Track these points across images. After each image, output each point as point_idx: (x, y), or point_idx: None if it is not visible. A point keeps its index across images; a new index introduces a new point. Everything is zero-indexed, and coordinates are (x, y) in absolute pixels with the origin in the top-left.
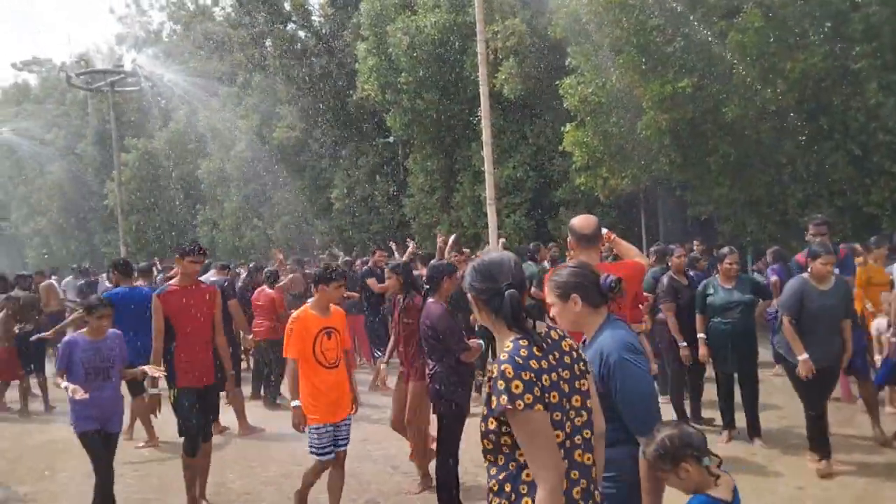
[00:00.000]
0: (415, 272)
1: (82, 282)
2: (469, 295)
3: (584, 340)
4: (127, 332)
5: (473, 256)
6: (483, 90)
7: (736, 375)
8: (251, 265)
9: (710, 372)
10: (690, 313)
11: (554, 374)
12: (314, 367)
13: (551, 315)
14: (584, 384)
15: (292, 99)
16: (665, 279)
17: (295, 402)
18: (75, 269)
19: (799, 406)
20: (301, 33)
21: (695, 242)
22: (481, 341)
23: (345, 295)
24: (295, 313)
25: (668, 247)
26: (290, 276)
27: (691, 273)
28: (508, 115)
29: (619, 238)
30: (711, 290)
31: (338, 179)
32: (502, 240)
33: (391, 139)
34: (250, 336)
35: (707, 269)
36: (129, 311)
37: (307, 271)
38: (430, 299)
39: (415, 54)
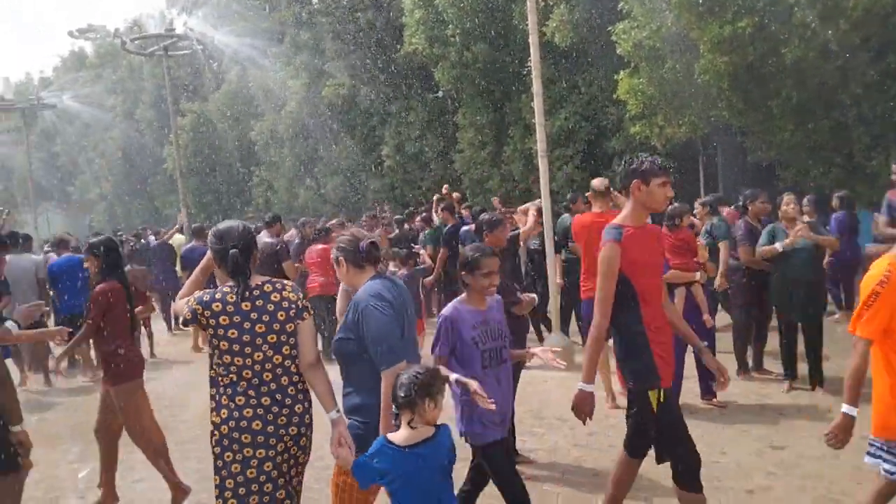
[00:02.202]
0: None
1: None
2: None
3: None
4: None
5: (515, 211)
6: (533, 39)
7: (799, 324)
8: (300, 221)
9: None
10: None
11: (237, 317)
12: None
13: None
14: (288, 328)
15: (340, 56)
16: (742, 223)
17: None
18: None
19: None
20: None
21: (749, 192)
22: (535, 296)
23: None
24: None
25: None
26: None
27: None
28: (559, 65)
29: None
30: (774, 236)
31: (388, 136)
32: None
33: (440, 94)
34: None
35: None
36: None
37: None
38: None
39: (462, 4)
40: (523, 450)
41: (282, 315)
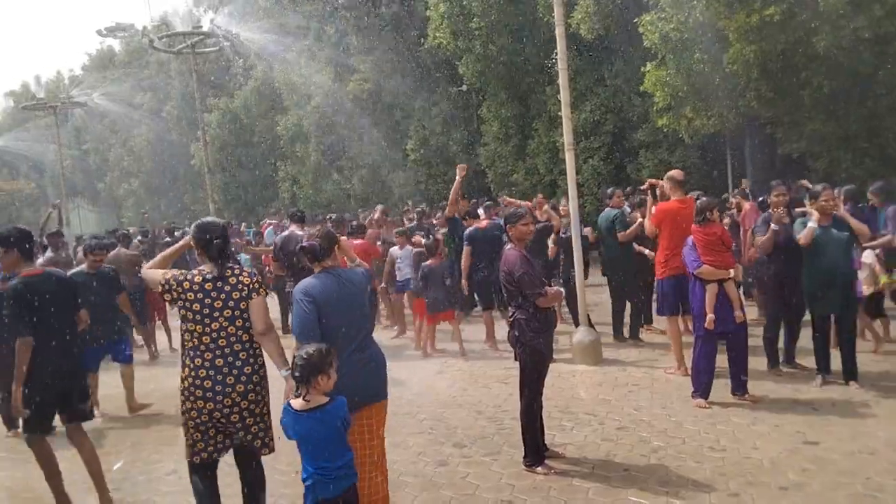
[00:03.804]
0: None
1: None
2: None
3: None
4: None
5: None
6: (559, 31)
7: (833, 317)
8: (333, 217)
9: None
10: (789, 255)
11: (201, 293)
12: None
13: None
14: (241, 305)
15: (364, 50)
16: (763, 216)
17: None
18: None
19: None
20: None
21: (775, 183)
22: (562, 289)
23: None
24: None
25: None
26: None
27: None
28: (584, 57)
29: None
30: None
31: (412, 131)
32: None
33: (464, 87)
34: None
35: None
36: None
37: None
38: (508, 245)
39: None
40: (552, 444)
41: (236, 294)
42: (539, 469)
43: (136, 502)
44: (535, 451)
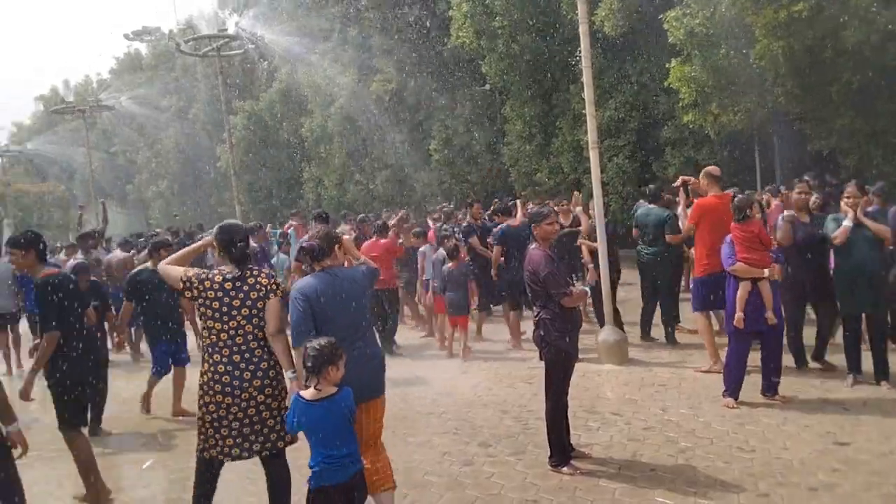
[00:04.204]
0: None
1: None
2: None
3: None
4: None
5: (563, 205)
6: (583, 29)
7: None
8: (358, 217)
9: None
10: (808, 255)
11: (221, 292)
12: None
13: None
14: (258, 304)
15: (387, 51)
16: (785, 215)
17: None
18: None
19: None
20: None
21: (805, 177)
22: (587, 289)
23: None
24: None
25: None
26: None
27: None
28: (609, 54)
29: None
30: (835, 226)
31: (435, 131)
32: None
33: (487, 87)
34: None
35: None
36: None
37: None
38: (532, 245)
39: None
40: (578, 444)
41: (254, 294)
42: (564, 469)
43: (166, 500)
44: (561, 450)
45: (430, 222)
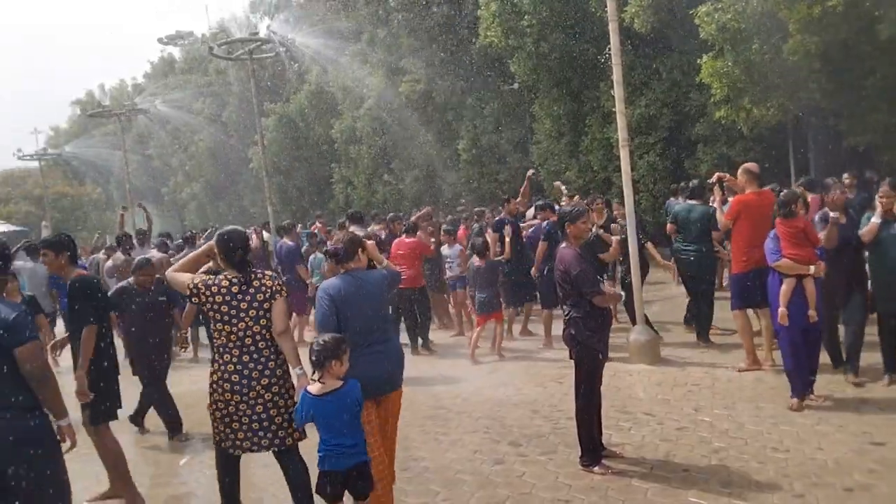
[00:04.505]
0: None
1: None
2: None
3: None
4: None
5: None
6: (613, 26)
7: None
8: (388, 217)
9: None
10: (841, 255)
11: (228, 296)
12: None
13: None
14: (265, 305)
15: (416, 51)
16: (821, 213)
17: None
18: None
19: None
20: None
21: (845, 176)
22: (622, 293)
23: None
24: None
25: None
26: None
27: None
28: (639, 51)
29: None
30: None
31: (463, 130)
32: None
33: (515, 85)
34: None
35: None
36: None
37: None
38: (563, 244)
39: None
40: (609, 444)
41: (260, 296)
42: (596, 469)
43: (202, 495)
44: (592, 450)
45: (464, 225)
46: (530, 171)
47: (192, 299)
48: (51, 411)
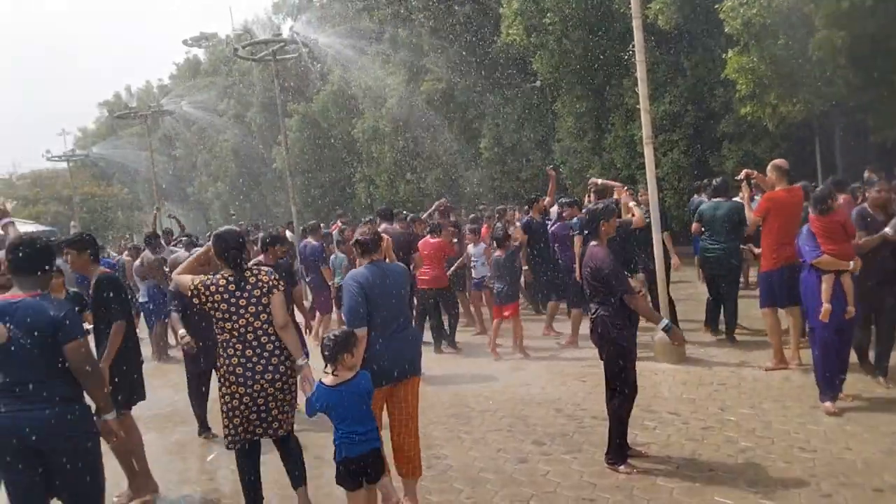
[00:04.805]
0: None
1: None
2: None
3: None
4: None
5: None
6: (636, 23)
7: None
8: (409, 217)
9: None
10: (883, 251)
11: (226, 294)
12: None
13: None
14: (263, 300)
15: (437, 50)
16: (856, 211)
17: None
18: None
19: None
20: None
21: (867, 171)
22: (641, 275)
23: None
24: None
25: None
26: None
27: None
28: (662, 48)
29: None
30: None
31: (485, 129)
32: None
33: (538, 83)
34: None
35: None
36: None
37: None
38: (592, 242)
39: None
40: (634, 443)
41: (257, 292)
42: (621, 468)
43: (228, 493)
44: (618, 449)
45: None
46: (550, 167)
47: (194, 300)
48: (96, 405)
